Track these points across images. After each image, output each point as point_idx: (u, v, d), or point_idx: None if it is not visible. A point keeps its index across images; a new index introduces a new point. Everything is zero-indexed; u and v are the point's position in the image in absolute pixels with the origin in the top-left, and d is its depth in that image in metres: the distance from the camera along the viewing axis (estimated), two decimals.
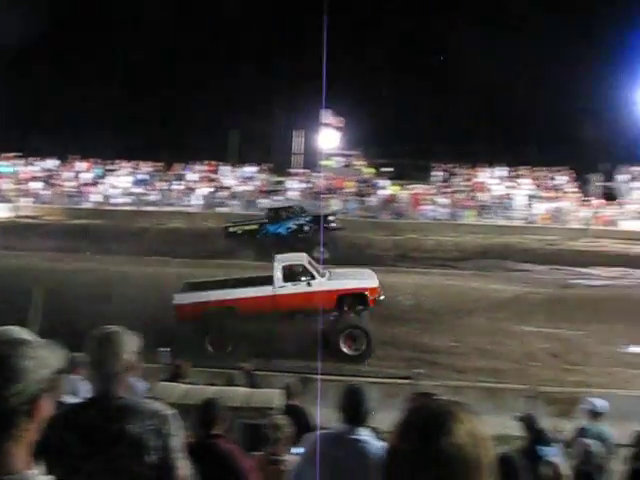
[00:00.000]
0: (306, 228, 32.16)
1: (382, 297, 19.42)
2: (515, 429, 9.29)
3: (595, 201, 38.97)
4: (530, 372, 17.81)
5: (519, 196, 40.22)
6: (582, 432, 8.67)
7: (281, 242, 29.87)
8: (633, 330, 19.55)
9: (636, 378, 16.32)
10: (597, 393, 11.90)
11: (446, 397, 1.98)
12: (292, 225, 32.35)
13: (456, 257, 31.74)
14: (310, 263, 19.50)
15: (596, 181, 40.44)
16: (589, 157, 42.43)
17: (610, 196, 40.79)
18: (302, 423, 7.65)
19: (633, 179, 41.85)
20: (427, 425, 1.64)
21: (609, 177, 43.12)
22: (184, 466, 3.22)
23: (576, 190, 41.16)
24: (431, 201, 40.03)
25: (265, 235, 31.79)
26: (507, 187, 41.66)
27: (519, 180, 42.36)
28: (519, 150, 45.13)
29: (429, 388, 13.55)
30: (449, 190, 41.67)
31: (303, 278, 18.89)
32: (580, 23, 47.26)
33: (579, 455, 6.85)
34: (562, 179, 42.45)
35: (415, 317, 22.34)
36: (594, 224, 37.25)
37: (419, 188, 41.75)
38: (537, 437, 8.46)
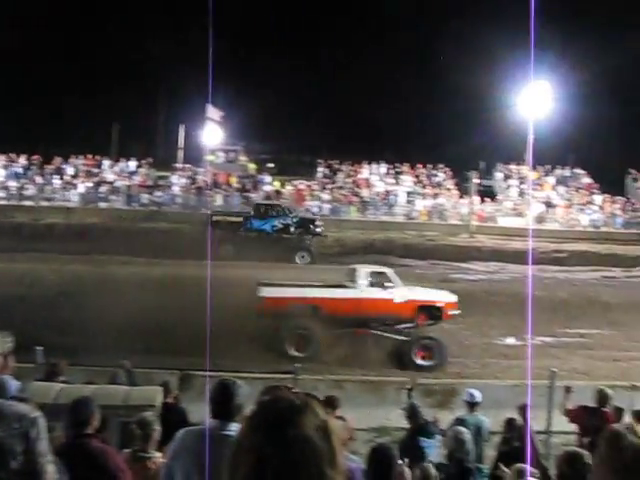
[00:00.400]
0: (292, 229, 31.97)
1: (458, 312, 19.71)
2: (396, 421, 9.25)
3: (473, 198, 40.07)
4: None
5: (400, 193, 40.85)
6: (460, 422, 8.70)
7: (263, 240, 30.25)
8: (508, 322, 20.06)
9: (510, 368, 16.70)
10: (473, 384, 12.03)
11: (302, 391, 1.82)
12: (278, 223, 31.95)
13: (338, 252, 31.82)
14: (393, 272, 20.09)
15: (474, 179, 41.58)
16: (468, 156, 43.64)
17: (488, 193, 42.04)
18: (178, 420, 7.40)
19: (510, 177, 43.32)
20: (275, 417, 1.64)
21: (487, 175, 44.51)
22: (52, 471, 2.87)
23: (455, 187, 42.22)
24: (315, 197, 40.10)
25: (249, 229, 31.45)
26: (389, 184, 42.24)
27: (400, 177, 43.04)
28: (400, 147, 45.88)
29: (311, 382, 13.43)
30: (332, 186, 41.87)
31: (387, 285, 19.33)
32: (457, 25, 48.43)
33: (452, 443, 6.83)
34: (442, 176, 43.44)
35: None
36: (473, 220, 38.30)
37: (303, 184, 41.72)
38: (419, 428, 8.44)
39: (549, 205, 40.04)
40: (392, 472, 4.46)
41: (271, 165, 49.51)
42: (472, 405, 9.47)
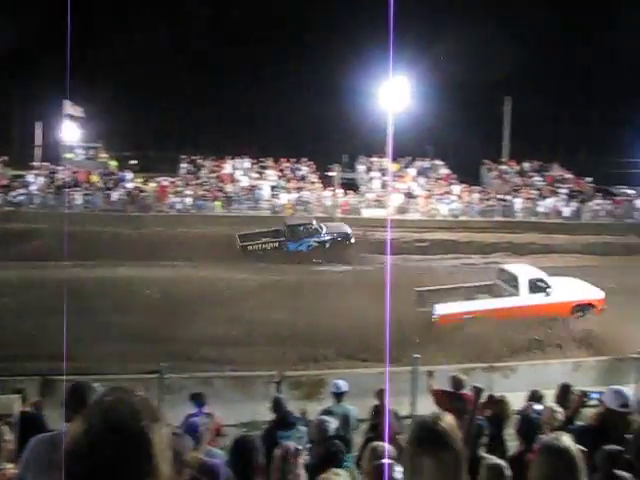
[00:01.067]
0: (327, 245, 32.51)
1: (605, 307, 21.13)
2: (266, 415, 9.23)
3: (337, 191, 40.58)
4: (282, 357, 18.10)
5: (265, 187, 40.85)
6: (327, 413, 8.78)
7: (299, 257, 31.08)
8: (374, 310, 20.41)
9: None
10: (340, 374, 12.20)
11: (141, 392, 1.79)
12: (313, 243, 32.48)
13: (204, 249, 31.48)
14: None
15: (338, 172, 42.14)
16: (331, 149, 44.18)
17: (351, 186, 42.69)
18: (36, 429, 7.07)
19: (372, 169, 44.15)
20: (107, 417, 1.64)
21: (350, 168, 45.20)
22: None
23: (319, 180, 42.63)
24: (179, 193, 39.48)
25: (286, 253, 31.65)
26: (253, 178, 42.17)
27: (265, 171, 43.05)
28: (264, 142, 45.83)
29: (178, 381, 13.28)
30: (196, 182, 41.36)
31: (546, 289, 21.02)
32: (318, 20, 48.84)
33: (316, 433, 6.89)
34: (305, 170, 43.76)
35: (165, 310, 21.95)
36: (337, 213, 38.82)
37: (166, 180, 40.96)
38: (279, 420, 8.45)
39: (410, 196, 41.07)
40: (253, 462, 4.45)
41: (134, 162, 48.31)
42: (339, 395, 9.59)
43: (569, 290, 21.67)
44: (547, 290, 21.05)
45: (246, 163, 43.73)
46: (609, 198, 42.84)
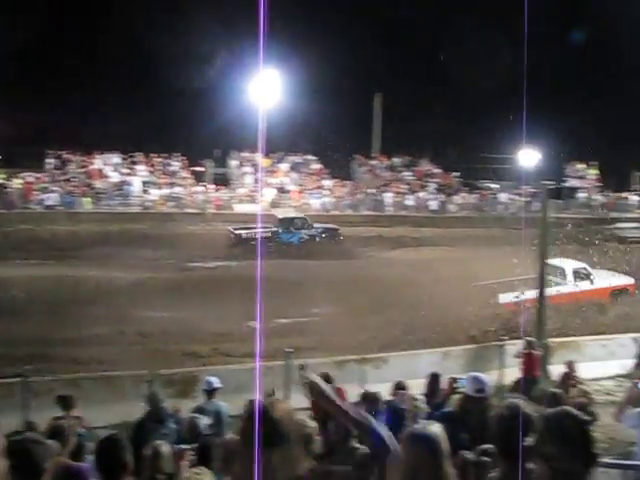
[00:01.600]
0: (317, 239, 34.13)
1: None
2: (138, 415, 9.06)
3: (209, 186, 40.25)
4: (154, 356, 17.76)
5: (136, 182, 40.00)
6: (199, 410, 8.70)
7: (292, 250, 31.89)
8: (247, 307, 20.37)
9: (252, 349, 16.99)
10: (212, 371, 12.12)
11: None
12: (304, 235, 34.12)
13: (74, 246, 30.53)
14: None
15: (210, 167, 41.79)
16: (203, 144, 43.67)
17: (223, 181, 42.44)
18: None
19: (244, 164, 44.03)
20: None
21: (222, 163, 44.88)
22: None
23: (191, 176, 42.15)
24: (45, 189, 38.06)
25: (278, 243, 32.67)
26: (123, 174, 41.18)
27: (135, 167, 42.13)
28: (134, 137, 44.79)
29: (44, 384, 12.84)
30: (64, 177, 39.97)
31: (590, 276, 23.74)
32: (193, 7, 47.98)
33: (187, 431, 6.83)
34: (177, 165, 43.14)
35: (32, 311, 21.10)
36: (209, 208, 38.51)
37: (31, 176, 39.35)
38: (153, 414, 8.32)
39: (282, 191, 41.29)
40: (120, 461, 4.33)
41: None
42: (210, 392, 9.52)
43: (606, 277, 24.42)
44: (591, 277, 23.87)
45: (116, 158, 42.64)
46: (475, 192, 44.53)
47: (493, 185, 46.73)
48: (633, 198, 48.64)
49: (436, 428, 3.27)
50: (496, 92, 41.62)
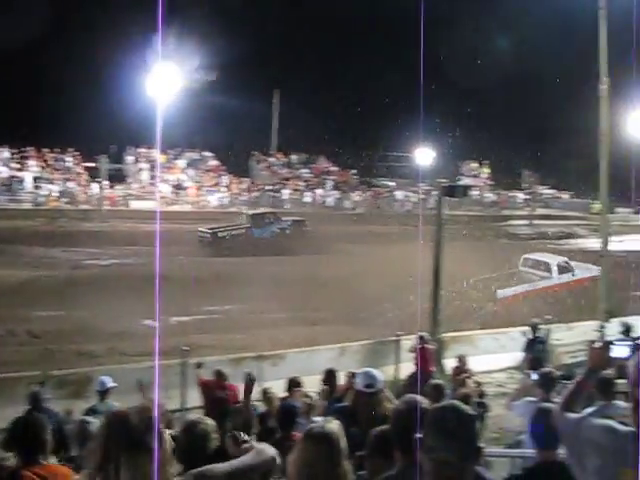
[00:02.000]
0: (287, 232, 35.61)
1: None
2: None
3: (104, 182, 39.33)
4: (46, 356, 17.25)
5: (27, 178, 38.65)
6: (91, 412, 8.47)
7: (266, 244, 32.89)
8: (143, 304, 20.03)
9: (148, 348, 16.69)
10: (107, 370, 11.83)
11: None
12: (275, 229, 35.69)
13: None
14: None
15: (104, 163, 40.81)
16: (98, 139, 42.57)
17: (118, 177, 41.55)
18: None
19: (140, 160, 43.22)
20: None
21: (117, 159, 43.89)
22: None
23: (85, 172, 41.06)
24: None
25: (251, 238, 33.89)
26: (13, 169, 39.71)
27: (26, 162, 40.67)
28: (26, 131, 43.23)
29: None
30: None
31: (569, 269, 27.02)
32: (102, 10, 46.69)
33: (78, 433, 6.64)
34: (71, 161, 41.93)
35: None
36: (104, 205, 37.63)
37: None
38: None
39: (180, 187, 40.77)
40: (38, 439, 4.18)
41: None
42: (103, 393, 9.29)
43: (585, 269, 26.58)
44: (572, 270, 26.83)
45: (5, 153, 41.01)
46: (371, 190, 45.17)
47: (390, 183, 47.48)
48: (521, 196, 50.52)
49: (334, 425, 3.28)
50: (394, 91, 42.34)
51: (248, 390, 5.93)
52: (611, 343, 3.28)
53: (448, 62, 45.92)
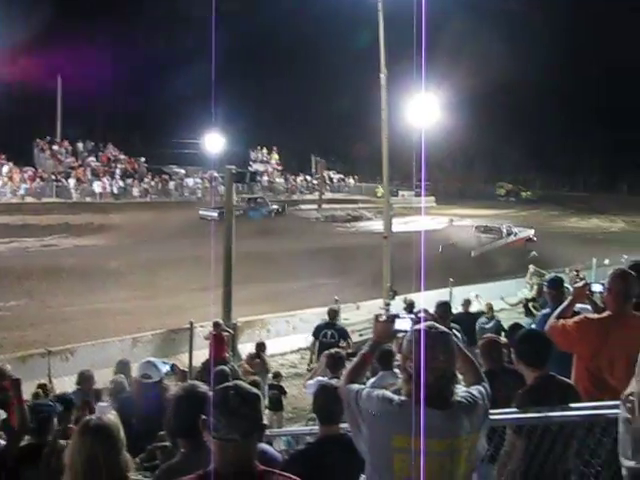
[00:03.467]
0: (273, 214, 41.66)
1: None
2: None
3: None
4: None
5: None
6: None
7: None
8: None
9: None
10: None
11: None
12: (265, 212, 41.41)
13: None
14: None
15: None
16: None
17: None
18: None
19: None
20: None
21: None
22: None
23: None
24: None
25: (247, 219, 35.71)
26: None
27: None
28: None
29: None
30: None
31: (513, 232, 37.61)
32: None
33: None
34: None
35: None
36: None
37: None
38: None
39: None
40: None
41: None
42: None
43: (521, 231, 38.21)
44: (515, 232, 37.40)
45: None
46: (161, 177, 44.42)
47: (179, 170, 47.00)
48: (309, 180, 51.89)
49: (111, 417, 3.22)
50: (183, 77, 41.94)
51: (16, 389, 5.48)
52: (396, 316, 3.43)
53: (237, 50, 46.26)
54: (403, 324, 3.33)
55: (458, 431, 2.83)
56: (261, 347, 12.87)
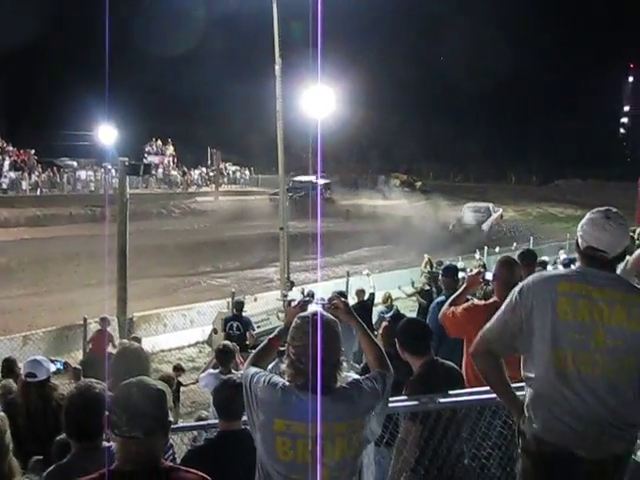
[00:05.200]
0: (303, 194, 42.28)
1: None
2: None
3: None
4: None
5: None
6: None
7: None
8: None
9: None
10: None
11: None
12: (302, 193, 42.20)
13: None
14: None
15: None
16: None
17: None
18: None
19: None
20: None
21: None
22: None
23: None
24: None
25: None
26: None
27: None
28: None
29: None
30: None
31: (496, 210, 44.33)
32: None
33: None
34: None
35: None
36: None
37: None
38: None
39: None
40: None
41: None
42: None
43: (497, 209, 44.46)
44: (496, 210, 44.10)
45: None
46: (52, 170, 42.99)
47: (72, 162, 45.64)
48: (204, 172, 51.33)
49: None
50: (76, 68, 40.85)
51: None
52: (308, 302, 3.48)
53: (132, 40, 45.37)
54: (314, 309, 3.37)
55: (340, 417, 2.88)
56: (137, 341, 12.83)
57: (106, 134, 36.40)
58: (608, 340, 2.97)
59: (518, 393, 3.20)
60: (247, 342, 12.10)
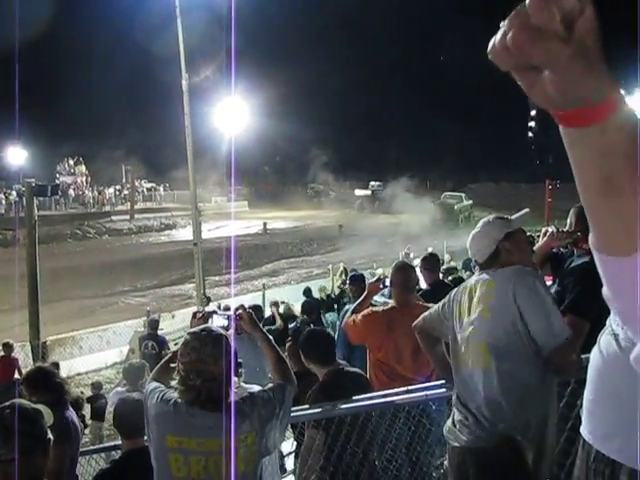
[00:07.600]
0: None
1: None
2: None
3: None
4: None
5: None
6: None
7: None
8: None
9: None
10: None
11: None
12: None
13: None
14: None
15: None
16: None
17: None
18: None
19: None
20: None
21: None
22: None
23: None
24: None
25: None
26: None
27: None
28: None
29: None
30: None
31: None
32: None
33: None
34: None
35: None
36: None
37: None
38: None
39: None
40: None
41: None
42: None
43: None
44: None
45: None
46: None
47: None
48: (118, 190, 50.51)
49: None
50: None
51: None
52: (213, 313, 3.53)
53: (40, 58, 44.33)
54: (220, 321, 3.38)
55: (233, 431, 2.87)
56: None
57: (15, 155, 35.53)
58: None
59: None
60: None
